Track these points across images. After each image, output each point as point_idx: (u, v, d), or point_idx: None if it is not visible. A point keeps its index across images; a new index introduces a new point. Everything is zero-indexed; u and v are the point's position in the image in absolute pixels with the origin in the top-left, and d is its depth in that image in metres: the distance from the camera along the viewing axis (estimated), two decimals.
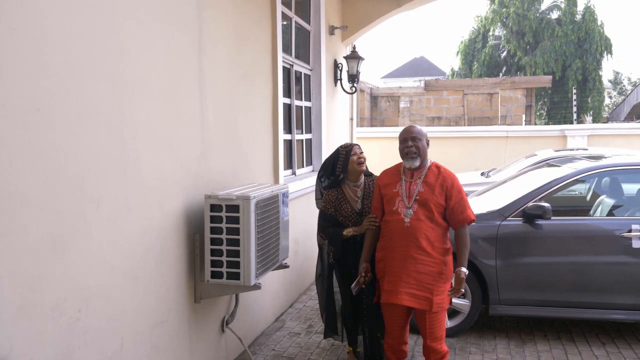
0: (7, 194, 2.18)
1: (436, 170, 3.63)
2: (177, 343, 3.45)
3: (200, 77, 3.69)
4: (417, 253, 3.52)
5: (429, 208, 3.53)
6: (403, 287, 3.53)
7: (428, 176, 3.60)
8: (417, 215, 3.53)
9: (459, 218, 3.56)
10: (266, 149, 4.95)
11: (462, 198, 3.59)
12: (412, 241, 3.52)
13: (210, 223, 3.47)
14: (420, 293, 3.51)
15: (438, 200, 3.54)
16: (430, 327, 3.59)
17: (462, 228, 3.60)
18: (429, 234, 3.53)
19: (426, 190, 3.56)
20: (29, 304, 2.29)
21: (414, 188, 3.59)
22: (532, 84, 18.39)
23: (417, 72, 40.19)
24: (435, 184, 3.57)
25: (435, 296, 3.51)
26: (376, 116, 18.60)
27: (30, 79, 2.28)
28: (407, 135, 3.63)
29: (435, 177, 3.60)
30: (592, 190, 5.64)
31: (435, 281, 3.52)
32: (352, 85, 7.78)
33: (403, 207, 3.57)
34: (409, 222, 3.53)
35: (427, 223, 3.53)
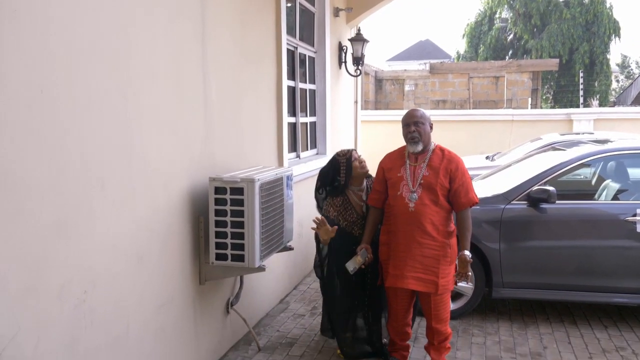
0: (12, 177, 2.19)
1: (440, 153, 3.62)
2: (182, 324, 3.48)
3: (204, 60, 3.67)
4: (421, 237, 3.53)
5: (433, 192, 3.53)
6: (409, 271, 3.55)
7: (432, 159, 3.60)
8: (421, 200, 3.54)
9: (462, 200, 3.56)
10: (270, 131, 4.95)
11: (466, 180, 3.58)
12: (416, 225, 3.54)
13: (214, 205, 3.48)
14: (426, 276, 3.54)
15: (443, 183, 3.54)
16: (435, 309, 3.63)
17: (465, 211, 3.60)
18: (433, 218, 3.53)
19: (431, 174, 3.56)
20: (35, 286, 2.31)
21: (419, 172, 3.59)
22: (538, 67, 18.25)
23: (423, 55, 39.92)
24: (439, 167, 3.56)
25: (440, 279, 3.54)
26: (381, 99, 18.52)
27: (33, 61, 2.28)
28: (410, 119, 3.62)
29: (440, 160, 3.59)
30: (597, 174, 5.62)
31: (440, 264, 3.54)
32: (356, 68, 7.73)
33: (407, 191, 3.58)
34: (413, 206, 3.54)
35: (432, 207, 3.54)
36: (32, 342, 2.30)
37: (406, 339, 3.91)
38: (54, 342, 2.42)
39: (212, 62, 3.77)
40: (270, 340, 4.38)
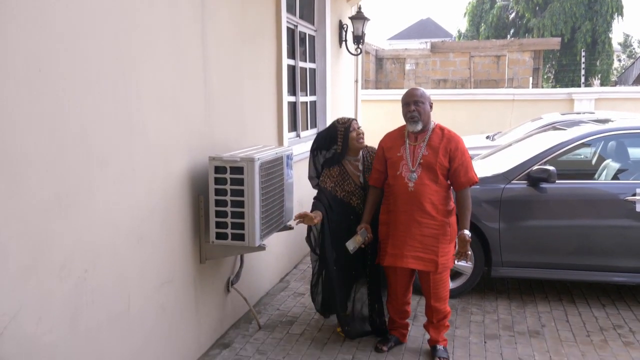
0: (13, 155, 2.19)
1: (440, 133, 3.61)
2: (183, 302, 3.51)
3: (204, 38, 3.64)
4: (421, 217, 3.55)
5: (433, 171, 3.53)
6: (408, 250, 3.58)
7: (432, 139, 3.58)
8: (421, 180, 3.54)
9: (461, 180, 3.56)
10: (270, 110, 4.93)
11: (466, 160, 3.58)
12: (416, 205, 3.54)
13: (214, 185, 3.48)
14: (425, 255, 3.57)
15: (442, 162, 3.53)
16: (435, 288, 3.65)
17: (465, 190, 3.60)
18: (433, 198, 3.54)
19: (430, 154, 3.55)
20: (36, 263, 2.32)
21: (418, 151, 3.58)
22: (540, 46, 18.12)
23: (424, 34, 39.62)
24: (439, 146, 3.55)
25: (440, 257, 3.57)
26: (381, 78, 18.43)
27: (31, 39, 2.26)
28: (410, 98, 3.60)
29: (440, 139, 3.58)
30: (597, 154, 5.61)
31: (439, 243, 3.56)
32: (357, 47, 7.68)
33: (407, 171, 3.58)
34: (412, 186, 3.55)
35: (432, 186, 3.54)
36: (33, 320, 2.32)
37: (405, 317, 3.94)
38: (55, 319, 2.44)
39: (211, 41, 3.74)
40: (271, 319, 4.41)
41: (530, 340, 4.05)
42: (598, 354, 3.85)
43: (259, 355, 3.80)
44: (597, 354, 3.85)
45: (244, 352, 3.85)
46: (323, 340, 4.04)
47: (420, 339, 4.04)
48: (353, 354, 3.83)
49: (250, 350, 3.87)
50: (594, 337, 4.10)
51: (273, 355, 3.81)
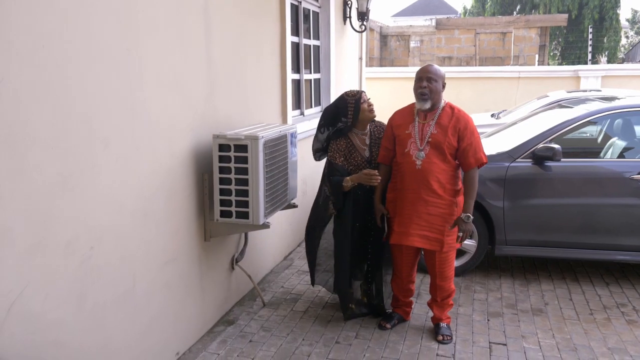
0: (17, 132, 2.18)
1: (450, 111, 3.56)
2: (188, 280, 3.53)
3: (206, 15, 3.61)
4: (428, 195, 3.53)
5: (441, 150, 3.50)
6: (414, 228, 3.57)
7: (441, 117, 3.54)
8: (429, 158, 3.51)
9: (470, 160, 3.52)
10: (274, 88, 4.90)
11: (475, 140, 3.53)
12: (423, 183, 3.52)
13: (218, 163, 3.48)
14: (432, 234, 3.56)
15: (451, 142, 3.50)
16: (440, 267, 3.67)
17: (472, 171, 3.56)
18: (440, 177, 3.52)
19: (439, 132, 3.51)
20: (42, 241, 2.33)
21: (427, 130, 3.54)
22: (546, 22, 17.90)
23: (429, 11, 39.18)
24: (448, 125, 3.51)
25: (446, 236, 3.56)
26: (386, 56, 18.28)
27: (35, 15, 2.24)
28: (423, 74, 3.55)
29: (449, 118, 3.53)
30: (603, 132, 5.58)
31: (446, 222, 3.55)
32: (361, 24, 7.60)
33: (415, 149, 3.55)
34: (420, 164, 3.52)
35: (439, 165, 3.51)
36: (40, 297, 2.34)
37: (409, 296, 3.95)
38: (62, 297, 2.46)
39: (214, 18, 3.70)
40: (275, 296, 4.44)
41: (534, 318, 4.07)
42: (601, 332, 3.87)
43: (263, 332, 3.83)
44: (600, 332, 3.87)
45: (249, 328, 3.88)
46: (327, 317, 4.07)
47: (424, 316, 4.06)
48: (357, 331, 3.86)
49: (255, 327, 3.90)
50: (597, 316, 4.12)
51: (277, 332, 3.85)
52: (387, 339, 3.76)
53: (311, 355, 3.54)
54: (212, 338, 3.74)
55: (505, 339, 3.77)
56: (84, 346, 2.61)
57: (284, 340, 3.73)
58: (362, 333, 3.84)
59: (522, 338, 3.78)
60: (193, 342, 3.64)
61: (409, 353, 3.59)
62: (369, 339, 3.76)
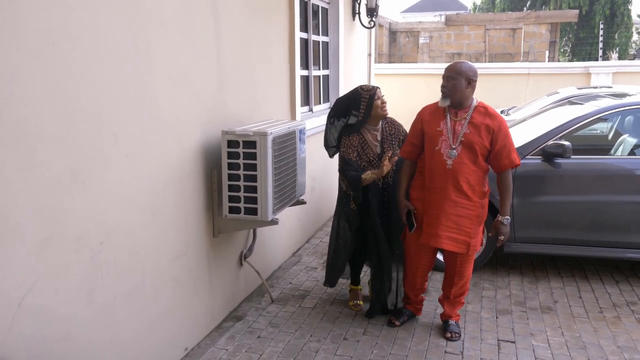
0: (27, 128, 2.19)
1: (483, 111, 3.47)
2: (197, 276, 3.54)
3: (215, 11, 3.61)
4: (457, 196, 3.45)
5: (473, 151, 3.41)
6: (442, 230, 3.49)
7: (474, 117, 3.44)
8: (460, 158, 3.42)
9: (503, 162, 3.44)
10: (283, 84, 4.90)
11: (509, 141, 3.45)
12: (452, 184, 3.44)
13: (227, 159, 3.48)
14: (459, 236, 3.50)
15: (483, 143, 3.41)
16: (460, 267, 3.65)
17: (506, 173, 3.49)
18: (470, 178, 3.44)
19: (472, 132, 3.41)
20: (52, 236, 2.35)
21: (459, 129, 3.44)
22: (557, 18, 17.78)
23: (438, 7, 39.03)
24: (481, 125, 3.42)
25: (472, 239, 3.52)
26: (395, 52, 18.23)
27: (44, 11, 2.25)
28: (445, 72, 3.48)
29: (482, 118, 3.44)
30: (614, 129, 5.53)
31: (473, 224, 3.51)
32: (370, 20, 7.58)
33: (447, 147, 3.45)
34: (451, 164, 3.43)
35: (470, 166, 3.43)
36: (50, 292, 2.35)
37: (420, 293, 3.91)
38: (71, 292, 2.47)
39: (223, 14, 3.70)
40: (283, 292, 4.45)
41: (542, 316, 4.06)
42: (611, 330, 3.84)
43: (271, 328, 3.84)
44: (610, 330, 3.84)
45: (257, 324, 3.89)
46: (335, 313, 4.07)
47: (432, 313, 4.05)
48: (365, 328, 3.86)
49: (263, 323, 3.91)
50: (606, 314, 4.10)
51: (285, 328, 3.85)
52: (395, 336, 3.75)
53: (319, 352, 3.55)
54: (221, 334, 3.76)
55: (514, 337, 3.76)
56: (93, 341, 2.63)
57: (292, 336, 3.74)
58: (370, 329, 3.84)
59: (531, 336, 3.77)
60: (201, 338, 3.65)
61: (417, 350, 3.59)
62: (377, 336, 3.76)
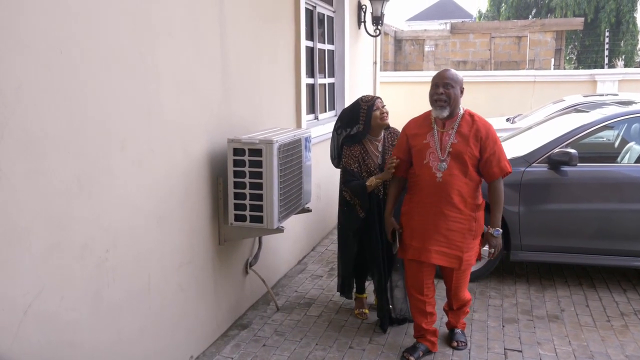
0: (34, 135, 2.21)
1: (470, 119, 3.33)
2: (202, 283, 3.54)
3: (221, 19, 3.63)
4: (448, 210, 3.31)
5: (463, 161, 3.27)
6: (433, 244, 3.37)
7: (462, 126, 3.31)
8: (450, 170, 3.28)
9: (493, 170, 3.30)
10: (288, 92, 4.91)
11: (498, 148, 3.31)
12: (443, 197, 3.30)
13: (233, 167, 3.49)
14: (450, 251, 3.37)
15: (473, 152, 3.27)
16: (457, 282, 3.56)
17: (497, 182, 3.34)
18: (462, 190, 3.30)
19: (460, 142, 3.28)
20: (58, 243, 2.35)
21: (447, 139, 3.30)
22: (562, 26, 17.76)
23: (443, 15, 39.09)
24: (469, 134, 3.28)
25: (464, 253, 3.38)
26: (400, 60, 18.25)
27: (52, 20, 2.27)
28: (439, 80, 3.30)
29: (469, 126, 3.30)
30: (620, 136, 5.52)
31: (464, 238, 3.36)
32: (376, 28, 7.60)
33: (435, 160, 3.31)
34: (441, 177, 3.29)
35: (461, 178, 3.29)
36: (56, 299, 2.36)
37: (432, 322, 3.63)
38: (77, 299, 2.48)
39: (229, 22, 3.72)
40: (289, 300, 4.44)
41: (549, 325, 4.03)
42: (618, 339, 3.81)
43: (277, 337, 3.83)
44: (618, 339, 3.81)
45: (262, 333, 3.89)
46: (340, 322, 4.06)
47: (438, 322, 4.03)
48: (370, 337, 3.84)
49: (269, 331, 3.90)
50: (614, 322, 4.07)
51: (291, 336, 3.84)
52: (401, 344, 3.74)
53: None
54: (226, 342, 3.75)
55: (521, 346, 3.73)
56: (98, 347, 2.63)
57: (297, 345, 3.73)
58: (376, 338, 3.82)
59: (538, 345, 3.75)
60: (207, 346, 3.65)
61: (423, 359, 3.56)
62: (383, 345, 3.74)
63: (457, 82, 3.31)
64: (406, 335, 3.85)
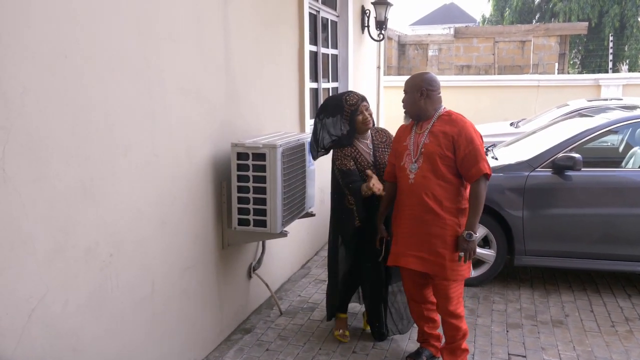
0: (38, 140, 2.21)
1: (446, 119, 3.21)
2: (206, 287, 3.54)
3: (225, 24, 3.64)
4: (424, 213, 3.17)
5: (433, 161, 3.14)
6: (410, 249, 3.24)
7: (435, 125, 3.20)
8: (421, 171, 3.17)
9: (470, 172, 3.10)
10: (292, 97, 4.92)
11: (474, 148, 3.10)
12: (416, 199, 3.18)
13: (237, 171, 3.49)
14: (429, 257, 3.19)
15: (443, 152, 3.13)
16: (444, 297, 3.26)
17: (476, 184, 3.11)
18: (435, 192, 3.15)
19: (431, 141, 3.17)
20: (62, 247, 2.36)
21: (421, 140, 3.22)
22: (566, 31, 17.76)
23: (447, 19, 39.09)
24: (439, 133, 3.16)
25: (448, 261, 3.15)
26: (404, 65, 18.27)
27: (56, 25, 2.28)
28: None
29: (442, 125, 3.19)
30: (624, 141, 5.51)
31: (447, 245, 3.15)
32: (379, 33, 7.61)
33: (409, 161, 3.24)
34: (413, 178, 3.20)
35: (433, 179, 3.15)
36: (60, 302, 2.36)
37: (435, 328, 3.55)
38: (81, 302, 2.48)
39: (233, 27, 3.73)
40: (292, 305, 4.44)
41: (554, 330, 4.01)
42: (623, 344, 3.80)
43: (280, 341, 3.83)
44: (622, 344, 3.80)
45: (266, 337, 3.88)
46: None
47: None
48: (374, 342, 3.83)
49: (272, 336, 3.90)
50: (619, 328, 4.05)
51: (294, 341, 3.84)
52: (404, 349, 3.73)
53: None
54: (229, 346, 3.75)
55: (525, 351, 3.72)
56: (102, 352, 2.63)
57: (300, 349, 3.72)
58: (379, 344, 3.81)
59: (542, 350, 3.73)
60: (210, 350, 3.65)
61: None
62: (386, 349, 3.73)
63: (412, 86, 3.26)
64: (410, 340, 3.84)
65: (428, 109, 3.24)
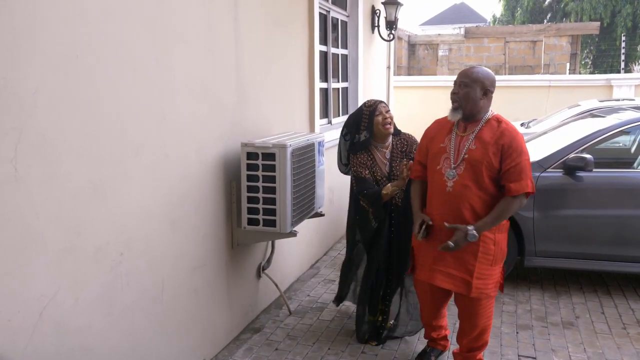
0: (50, 140, 2.23)
1: (495, 124, 2.92)
2: (216, 287, 3.55)
3: (236, 24, 3.65)
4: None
5: (478, 171, 2.86)
6: (438, 264, 3.00)
7: (483, 131, 2.91)
8: (462, 179, 2.89)
9: (512, 186, 2.84)
10: (302, 97, 4.92)
11: (521, 162, 2.85)
12: (453, 210, 2.92)
13: (246, 171, 3.50)
14: (458, 273, 2.97)
15: (491, 161, 2.85)
16: (469, 314, 3.08)
17: (513, 198, 2.86)
18: (475, 204, 2.89)
19: (478, 148, 2.88)
20: (73, 247, 2.37)
21: (464, 144, 2.91)
22: (578, 30, 17.64)
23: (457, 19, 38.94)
24: (490, 141, 2.87)
25: (475, 279, 2.94)
26: (414, 65, 18.23)
27: (68, 26, 2.30)
28: (458, 78, 2.96)
29: (493, 132, 2.90)
30: (637, 141, 5.46)
31: (477, 262, 2.94)
32: (389, 33, 7.59)
33: (447, 166, 2.94)
34: (451, 186, 2.91)
35: (474, 190, 2.88)
36: (71, 301, 2.38)
37: (443, 333, 3.53)
38: (92, 301, 2.50)
39: (243, 26, 3.74)
40: (301, 305, 4.44)
41: (564, 332, 3.99)
42: (634, 346, 3.77)
43: (289, 341, 3.83)
44: (634, 346, 3.77)
45: (275, 337, 3.89)
46: (353, 326, 4.04)
47: (451, 327, 4.00)
48: (383, 342, 3.83)
49: (281, 335, 3.90)
50: (630, 330, 4.02)
51: (303, 340, 3.84)
52: (413, 350, 3.72)
53: None
54: (239, 345, 3.76)
55: (535, 353, 3.70)
56: (112, 351, 2.65)
57: (309, 349, 3.72)
58: (389, 344, 3.81)
59: (552, 352, 3.71)
60: (219, 349, 3.66)
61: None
62: (395, 350, 3.73)
63: (475, 80, 2.91)
64: (419, 341, 3.83)
65: (482, 111, 2.96)
